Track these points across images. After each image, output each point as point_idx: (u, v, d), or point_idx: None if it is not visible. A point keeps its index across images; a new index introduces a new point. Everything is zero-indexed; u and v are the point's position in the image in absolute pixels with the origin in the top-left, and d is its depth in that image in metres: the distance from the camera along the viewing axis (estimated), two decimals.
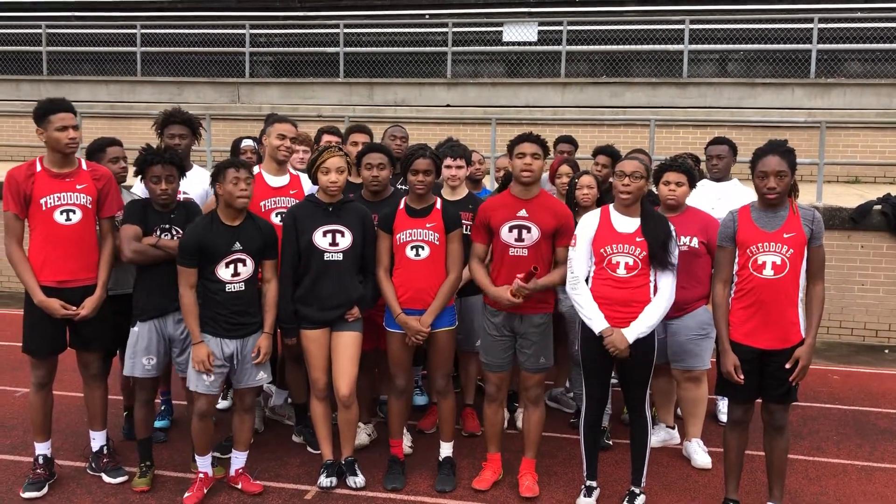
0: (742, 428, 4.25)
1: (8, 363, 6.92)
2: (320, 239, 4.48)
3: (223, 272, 4.27)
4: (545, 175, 6.09)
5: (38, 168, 4.36)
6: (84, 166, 4.49)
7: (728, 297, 4.13)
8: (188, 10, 16.06)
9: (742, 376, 4.04)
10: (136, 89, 15.20)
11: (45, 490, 4.50)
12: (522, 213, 4.36)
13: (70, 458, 4.97)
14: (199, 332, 4.27)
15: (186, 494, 4.43)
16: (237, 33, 15.36)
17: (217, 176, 4.26)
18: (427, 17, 15.22)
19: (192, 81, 15.16)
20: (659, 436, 5.26)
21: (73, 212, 4.36)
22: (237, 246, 4.28)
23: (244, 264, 4.31)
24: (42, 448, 4.60)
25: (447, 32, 14.34)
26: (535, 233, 4.33)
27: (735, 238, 4.06)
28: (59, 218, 4.33)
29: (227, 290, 4.28)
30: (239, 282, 4.31)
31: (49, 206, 4.31)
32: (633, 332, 4.13)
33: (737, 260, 4.08)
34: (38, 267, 4.34)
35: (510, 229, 4.36)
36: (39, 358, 4.48)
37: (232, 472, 4.61)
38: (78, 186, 4.38)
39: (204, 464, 4.50)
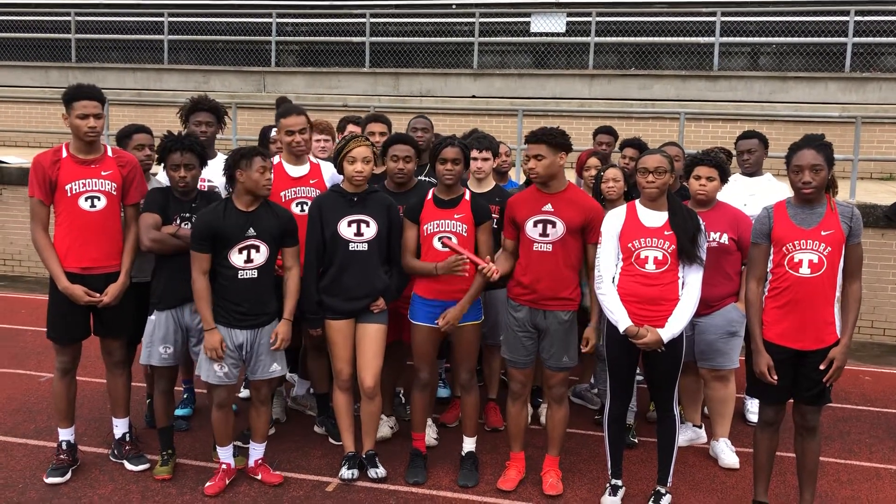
0: (773, 429, 4.15)
1: (33, 348, 6.96)
2: (345, 229, 4.43)
3: (236, 258, 4.21)
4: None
5: (64, 154, 4.35)
6: (110, 153, 4.47)
7: (762, 296, 4.03)
8: None
9: (775, 377, 3.94)
10: (163, 77, 15.25)
11: (69, 476, 4.51)
12: (547, 207, 4.27)
13: (94, 444, 4.98)
14: (212, 319, 4.23)
15: (208, 483, 4.42)
16: (264, 22, 15.35)
17: (240, 162, 4.19)
18: (454, 6, 15.11)
19: (219, 70, 15.18)
20: (686, 434, 5.16)
21: (98, 198, 4.34)
22: (251, 231, 4.22)
23: (257, 250, 4.24)
24: (65, 434, 4.60)
25: (474, 23, 14.23)
26: (561, 228, 4.25)
27: (770, 235, 3.95)
28: (84, 204, 4.32)
29: (239, 276, 4.21)
30: (252, 268, 4.23)
31: (74, 192, 4.30)
32: (669, 332, 4.04)
33: (771, 257, 3.98)
34: (63, 253, 4.33)
35: (534, 224, 4.28)
36: (63, 344, 4.48)
37: (251, 463, 4.57)
38: (103, 173, 4.36)
39: (226, 455, 4.48)
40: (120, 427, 4.72)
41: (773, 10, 13.57)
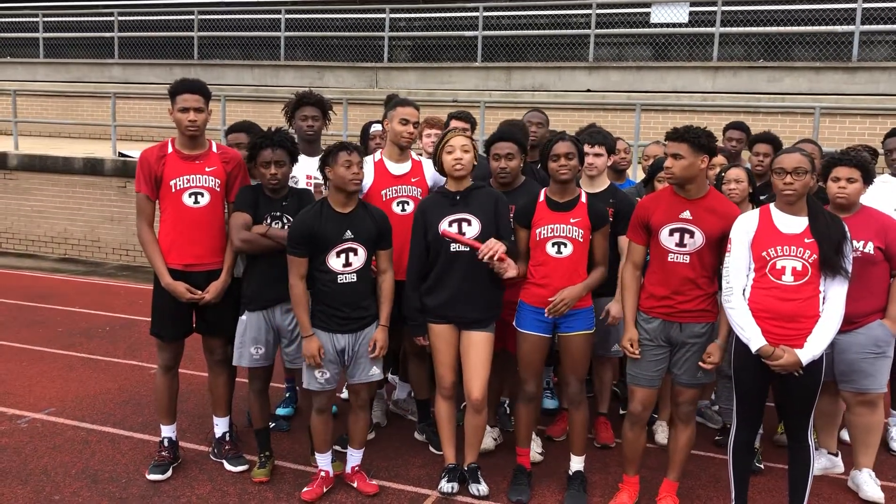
0: None
1: (148, 339, 6.98)
2: (446, 229, 4.21)
3: (334, 262, 4.05)
4: None
5: (170, 150, 4.32)
6: (215, 149, 4.41)
7: None
8: None
9: None
10: (279, 73, 15.55)
11: (169, 473, 4.49)
12: (686, 214, 3.88)
13: (196, 440, 4.98)
14: (310, 325, 4.09)
15: (305, 489, 4.30)
16: (377, 17, 15.39)
17: (327, 159, 4.04)
18: None
19: (333, 66, 15.35)
20: (820, 463, 4.65)
21: (202, 194, 4.29)
22: (348, 234, 4.05)
23: (355, 254, 4.08)
24: (167, 431, 4.60)
25: (591, 14, 13.76)
26: (699, 238, 3.86)
27: None
28: (188, 201, 4.27)
29: (338, 280, 4.06)
30: (351, 272, 4.08)
31: (178, 188, 4.26)
32: (809, 353, 3.59)
33: None
34: (166, 249, 4.31)
35: (671, 232, 3.90)
36: (165, 341, 4.47)
37: (348, 470, 4.43)
38: (207, 169, 4.31)
39: (324, 461, 4.34)
40: (220, 426, 4.68)
41: None
